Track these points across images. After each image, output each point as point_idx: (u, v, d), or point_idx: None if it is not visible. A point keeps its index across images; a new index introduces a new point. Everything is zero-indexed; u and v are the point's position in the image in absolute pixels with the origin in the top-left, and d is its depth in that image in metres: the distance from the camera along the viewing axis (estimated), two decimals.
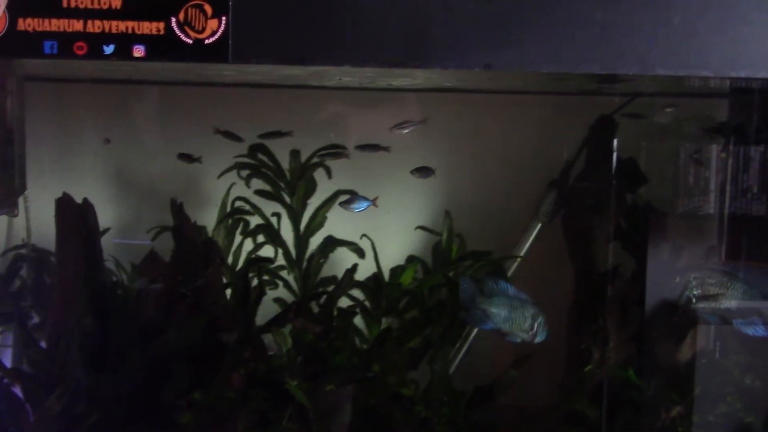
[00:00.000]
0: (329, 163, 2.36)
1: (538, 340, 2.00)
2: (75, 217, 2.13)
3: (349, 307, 2.16)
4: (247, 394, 1.82)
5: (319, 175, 2.40)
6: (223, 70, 1.89)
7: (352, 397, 1.83)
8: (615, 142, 2.28)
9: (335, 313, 2.07)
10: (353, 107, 2.56)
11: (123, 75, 2.24)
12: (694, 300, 2.03)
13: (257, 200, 2.41)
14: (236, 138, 2.32)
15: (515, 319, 2.00)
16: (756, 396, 2.04)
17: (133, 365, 1.91)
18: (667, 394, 2.03)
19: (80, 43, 1.56)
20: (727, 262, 2.13)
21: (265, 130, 2.32)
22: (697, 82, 1.94)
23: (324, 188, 2.40)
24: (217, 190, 2.45)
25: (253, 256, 2.31)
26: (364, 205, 2.18)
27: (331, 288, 2.17)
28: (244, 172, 2.36)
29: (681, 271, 2.10)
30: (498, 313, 2.01)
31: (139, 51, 1.57)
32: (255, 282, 2.14)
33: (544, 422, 1.97)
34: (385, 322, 2.22)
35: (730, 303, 2.00)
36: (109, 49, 1.57)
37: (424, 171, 2.28)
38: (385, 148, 2.26)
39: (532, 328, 1.98)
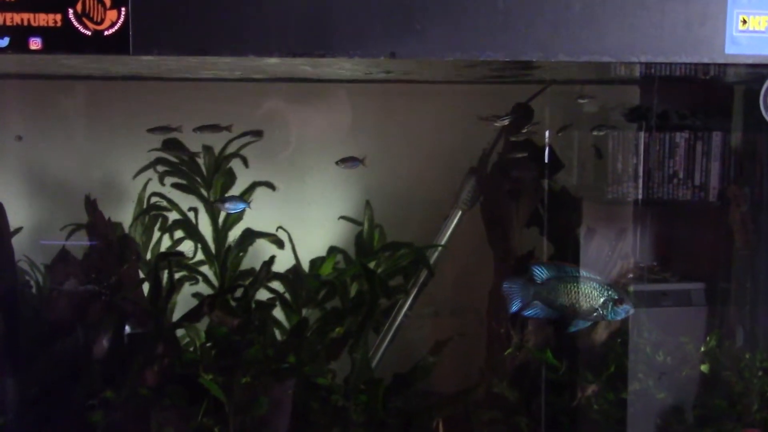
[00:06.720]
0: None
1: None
2: None
3: (268, 299, 2.15)
4: (162, 390, 1.80)
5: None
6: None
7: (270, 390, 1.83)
8: (547, 132, 2.31)
9: (253, 305, 2.06)
10: (274, 101, 2.54)
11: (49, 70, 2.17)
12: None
13: (176, 195, 2.37)
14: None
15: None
16: (667, 373, 2.11)
17: (42, 367, 1.87)
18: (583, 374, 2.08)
19: None
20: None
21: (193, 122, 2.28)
22: (623, 70, 1.99)
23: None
24: (135, 185, 2.40)
25: (163, 251, 2.28)
26: None
27: (249, 281, 2.16)
28: (161, 168, 2.33)
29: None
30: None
31: (35, 44, 1.53)
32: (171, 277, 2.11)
33: (461, 405, 2.00)
34: (306, 313, 2.21)
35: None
36: (3, 42, 1.53)
37: (349, 161, 2.27)
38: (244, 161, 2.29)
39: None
